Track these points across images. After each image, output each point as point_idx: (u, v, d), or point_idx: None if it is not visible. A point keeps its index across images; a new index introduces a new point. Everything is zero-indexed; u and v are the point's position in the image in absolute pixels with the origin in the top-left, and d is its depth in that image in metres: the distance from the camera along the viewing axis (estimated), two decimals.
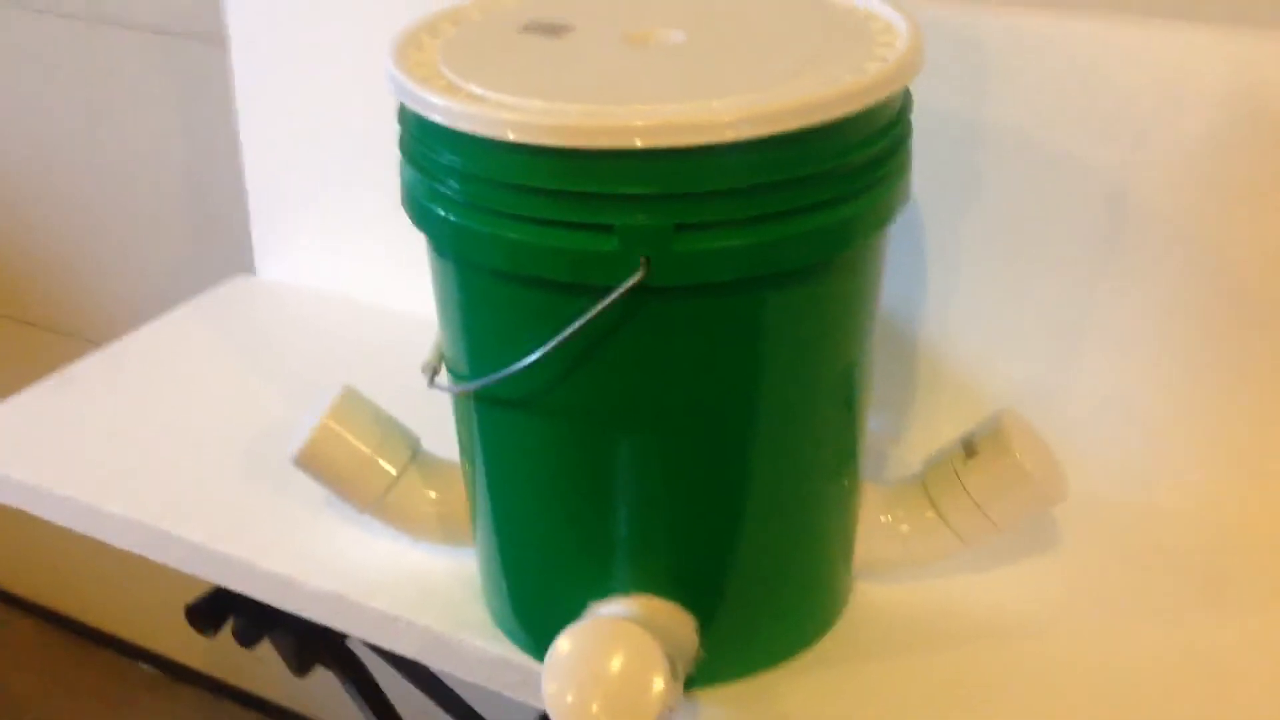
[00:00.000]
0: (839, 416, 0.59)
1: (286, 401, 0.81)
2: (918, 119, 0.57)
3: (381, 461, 0.64)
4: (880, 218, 0.54)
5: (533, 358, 0.52)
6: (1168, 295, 0.69)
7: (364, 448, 0.64)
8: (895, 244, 0.75)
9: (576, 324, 0.50)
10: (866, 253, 0.55)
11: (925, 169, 0.72)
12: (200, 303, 0.94)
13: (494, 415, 0.57)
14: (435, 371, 0.60)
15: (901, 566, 0.66)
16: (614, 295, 0.49)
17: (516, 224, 0.50)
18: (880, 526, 0.64)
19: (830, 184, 0.51)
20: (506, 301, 0.53)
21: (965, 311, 0.75)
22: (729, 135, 0.47)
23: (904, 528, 0.64)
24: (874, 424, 0.80)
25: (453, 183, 0.52)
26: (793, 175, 0.50)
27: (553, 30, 0.59)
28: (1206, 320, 0.69)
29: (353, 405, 0.64)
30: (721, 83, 0.51)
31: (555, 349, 0.51)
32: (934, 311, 0.76)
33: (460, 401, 0.59)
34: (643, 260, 0.49)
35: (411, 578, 0.66)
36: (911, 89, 0.57)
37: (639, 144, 0.47)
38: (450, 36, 0.59)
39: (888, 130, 0.53)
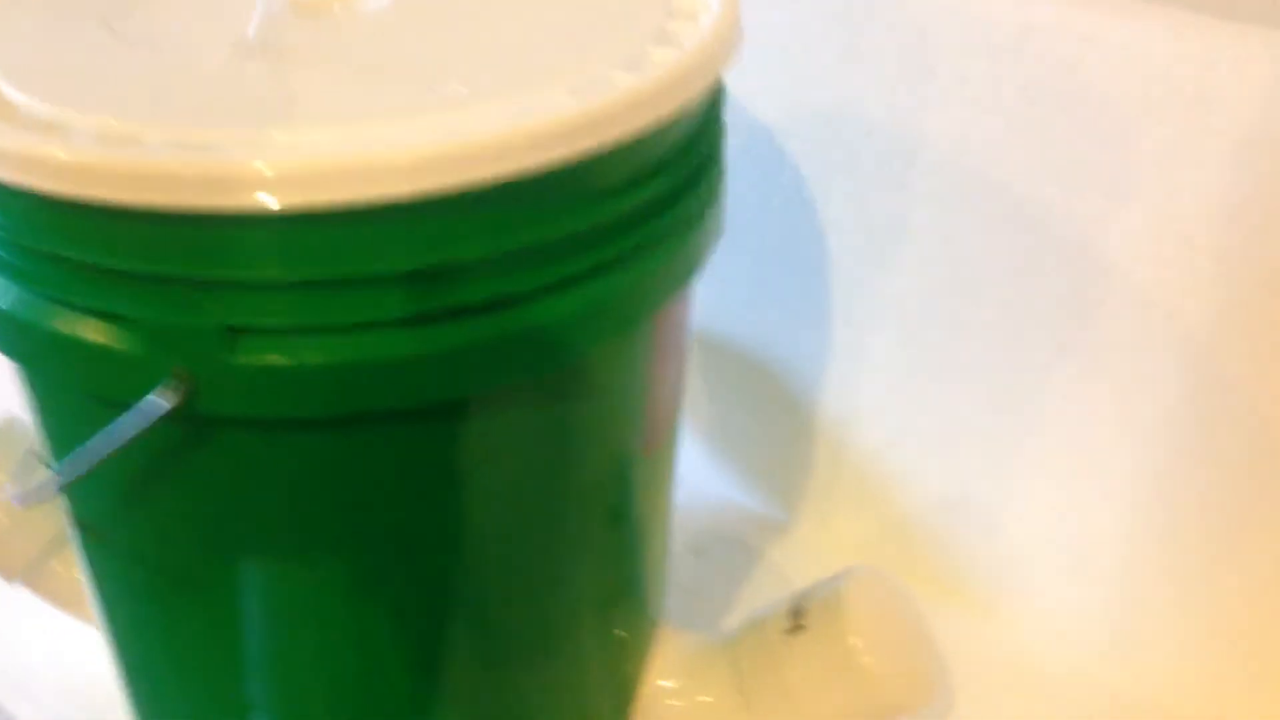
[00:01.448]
0: (588, 555, 0.41)
1: None
2: (829, 128, 0.38)
3: (38, 515, 0.47)
4: (629, 312, 0.35)
5: (55, 480, 0.34)
6: (1146, 403, 0.49)
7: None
8: (795, 288, 0.55)
9: (90, 452, 0.32)
10: (612, 355, 0.36)
11: (840, 196, 0.52)
12: None
13: (82, 536, 0.40)
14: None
15: None
16: (135, 424, 0.31)
17: (23, 297, 0.33)
18: (664, 698, 0.46)
19: (532, 267, 0.32)
20: (50, 401, 0.36)
21: (877, 388, 0.55)
22: (342, 193, 0.29)
23: (691, 706, 0.46)
24: (753, 502, 0.61)
25: None
26: (455, 257, 0.31)
27: None
28: (1196, 441, 0.48)
29: (6, 440, 0.48)
30: (389, 94, 0.32)
31: (91, 473, 0.34)
32: (836, 382, 0.56)
33: None
34: (179, 375, 0.31)
35: (70, 676, 0.50)
36: (727, 93, 0.38)
37: (164, 200, 0.29)
38: None
39: (662, 170, 0.34)
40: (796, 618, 0.44)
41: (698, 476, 0.63)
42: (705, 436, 0.62)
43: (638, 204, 0.34)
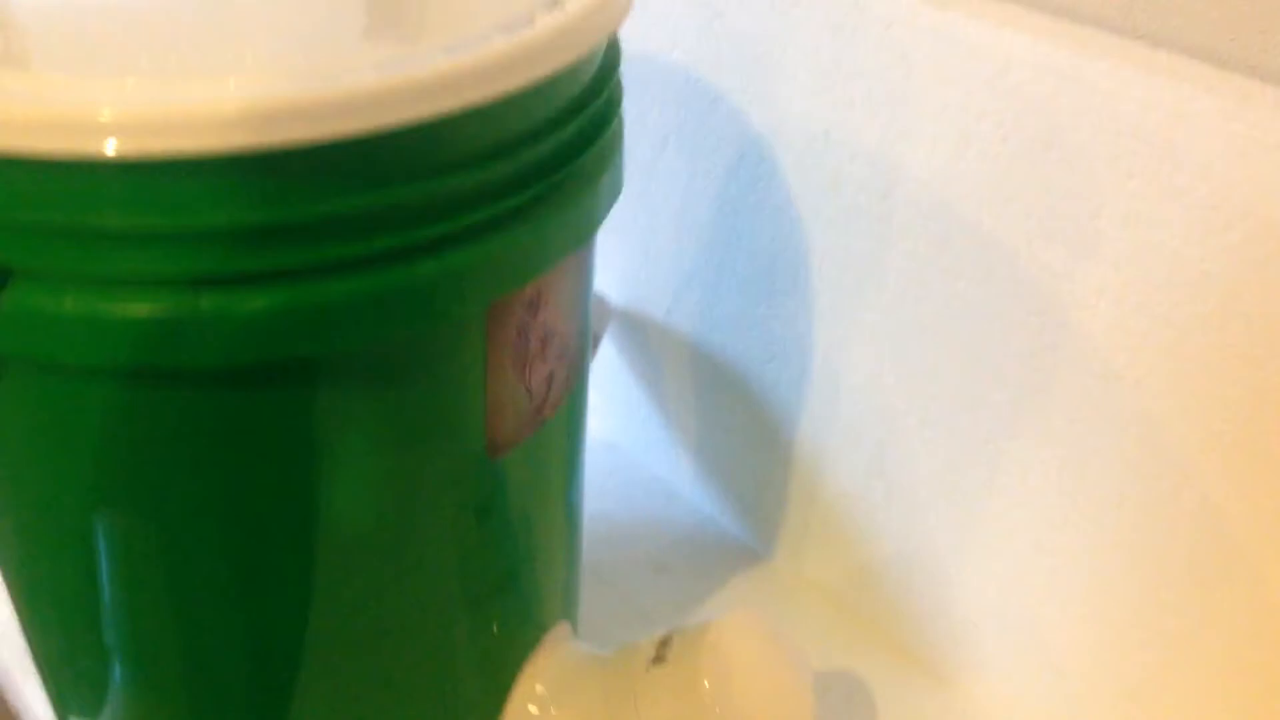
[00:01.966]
0: (440, 548, 0.40)
1: None
2: (816, 147, 0.37)
3: None
4: (440, 302, 0.34)
5: None
6: (1099, 475, 0.44)
7: None
8: (779, 310, 0.53)
9: None
10: (429, 344, 0.35)
11: (824, 220, 0.49)
12: None
13: None
14: None
15: None
16: None
17: None
18: (530, 702, 0.45)
19: (320, 240, 0.32)
20: None
21: (848, 425, 0.52)
22: (98, 146, 0.29)
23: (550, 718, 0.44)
24: (733, 527, 0.59)
25: None
26: (229, 222, 0.31)
27: None
28: (1149, 518, 0.44)
29: None
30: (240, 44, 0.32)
31: None
32: (813, 414, 0.53)
33: None
34: None
35: None
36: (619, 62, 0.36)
37: None
38: None
39: (493, 156, 0.33)
40: (662, 648, 0.42)
41: (684, 492, 0.61)
42: (693, 453, 0.60)
43: (461, 188, 0.32)
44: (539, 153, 0.34)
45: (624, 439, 0.64)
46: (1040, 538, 0.47)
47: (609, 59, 0.38)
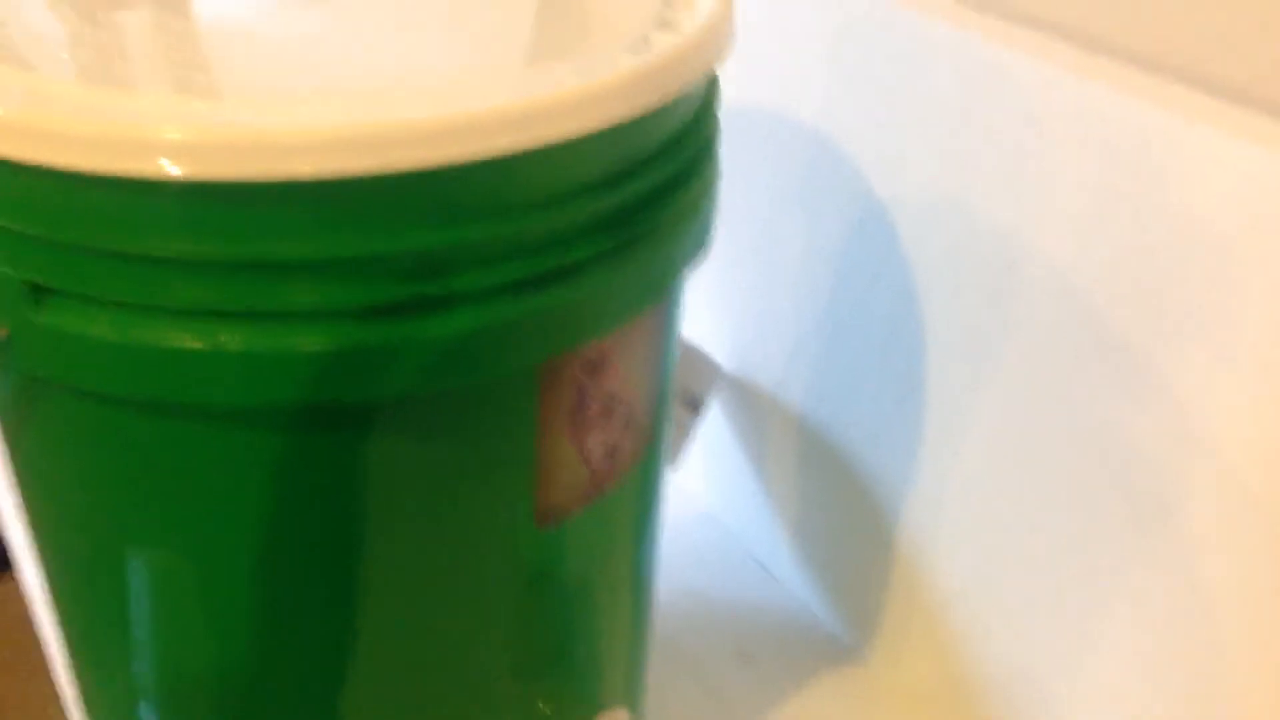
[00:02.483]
0: (484, 618, 0.38)
1: None
2: (939, 218, 0.35)
3: None
4: (494, 356, 0.32)
5: None
6: (1228, 611, 0.39)
7: None
8: (889, 391, 0.49)
9: None
10: (477, 400, 0.33)
11: (940, 297, 0.46)
12: None
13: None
14: None
15: None
16: None
17: None
18: None
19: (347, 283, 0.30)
20: None
21: (955, 523, 0.48)
22: (157, 167, 0.28)
23: None
24: (827, 619, 0.55)
25: None
26: (272, 256, 0.29)
27: None
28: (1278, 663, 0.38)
29: None
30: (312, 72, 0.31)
31: None
32: (919, 507, 0.49)
33: None
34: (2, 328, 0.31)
35: None
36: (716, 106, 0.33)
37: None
38: None
39: (559, 203, 0.31)
40: None
41: (780, 575, 0.57)
42: (792, 535, 0.56)
43: (517, 236, 0.30)
44: (610, 202, 0.31)
45: (723, 512, 0.60)
46: (1155, 672, 0.42)
47: (700, 111, 0.35)
